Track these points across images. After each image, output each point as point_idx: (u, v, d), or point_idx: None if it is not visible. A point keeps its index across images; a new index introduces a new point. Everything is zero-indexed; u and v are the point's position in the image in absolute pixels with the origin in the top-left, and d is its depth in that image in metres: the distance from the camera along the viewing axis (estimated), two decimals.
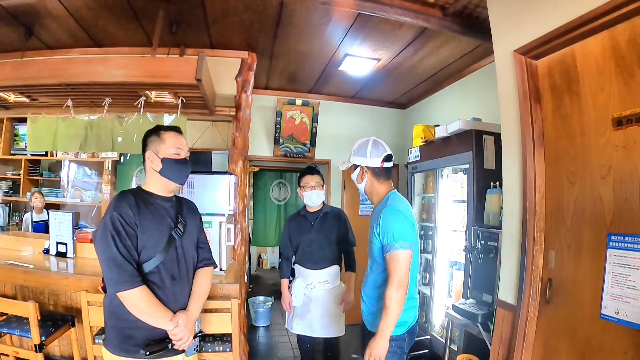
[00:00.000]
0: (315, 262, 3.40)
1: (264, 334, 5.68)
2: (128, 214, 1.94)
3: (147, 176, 2.16)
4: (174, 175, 2.13)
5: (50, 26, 3.77)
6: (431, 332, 4.25)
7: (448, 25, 3.44)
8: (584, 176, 2.32)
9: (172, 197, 2.21)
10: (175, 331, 1.99)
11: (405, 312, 2.24)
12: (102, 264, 1.92)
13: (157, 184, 2.13)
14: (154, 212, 2.07)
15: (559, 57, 2.48)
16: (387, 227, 2.17)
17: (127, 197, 2.00)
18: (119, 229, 1.90)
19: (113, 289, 1.90)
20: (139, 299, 1.91)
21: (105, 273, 1.92)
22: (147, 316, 1.95)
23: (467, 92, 4.75)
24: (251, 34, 4.02)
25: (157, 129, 2.16)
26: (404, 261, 2.14)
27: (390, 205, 2.26)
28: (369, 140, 2.42)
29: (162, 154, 2.09)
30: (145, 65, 3.37)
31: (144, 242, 1.98)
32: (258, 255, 10.43)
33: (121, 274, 1.86)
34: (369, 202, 6.06)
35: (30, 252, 4.07)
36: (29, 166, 6.64)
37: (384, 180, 2.40)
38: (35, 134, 4.15)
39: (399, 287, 2.10)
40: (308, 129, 5.78)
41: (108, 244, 1.88)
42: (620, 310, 2.06)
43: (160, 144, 2.10)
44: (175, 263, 2.09)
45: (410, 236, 2.19)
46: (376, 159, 2.36)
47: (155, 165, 2.09)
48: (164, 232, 2.07)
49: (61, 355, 3.74)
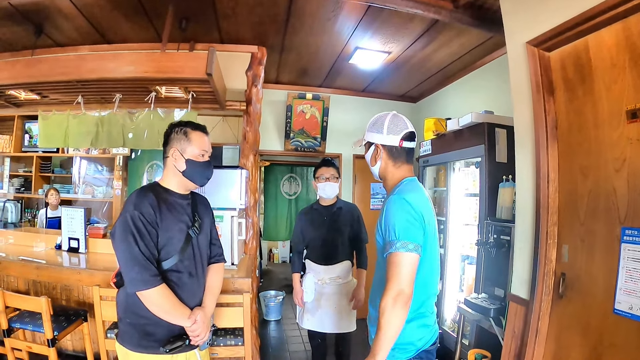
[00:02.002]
0: (326, 258, 3.40)
1: (275, 328, 5.70)
2: (149, 212, 1.92)
3: (166, 172, 2.12)
4: (197, 178, 2.11)
5: (61, 24, 3.80)
6: (442, 327, 4.23)
7: (459, 17, 3.40)
8: (597, 169, 2.29)
9: (189, 195, 2.20)
10: (193, 327, 2.00)
11: (414, 332, 1.84)
12: (121, 262, 1.90)
13: (176, 182, 2.11)
14: (173, 210, 2.04)
15: (572, 48, 2.45)
16: (389, 221, 1.76)
17: (147, 195, 1.97)
18: (140, 227, 1.87)
19: (133, 287, 1.88)
20: (159, 298, 1.91)
21: (125, 272, 1.90)
22: (166, 314, 1.95)
23: (478, 85, 4.70)
24: (261, 29, 4.01)
25: (184, 126, 2.11)
26: (406, 267, 1.68)
27: (398, 193, 1.84)
28: (387, 114, 1.98)
29: (187, 155, 2.07)
30: (156, 61, 3.39)
31: (163, 241, 1.97)
32: (269, 249, 10.47)
33: (142, 274, 1.85)
34: (380, 196, 6.19)
35: (43, 248, 4.13)
36: (40, 163, 6.73)
37: (402, 164, 1.96)
38: (46, 131, 4.18)
39: (396, 300, 1.64)
40: (319, 123, 5.76)
41: (128, 242, 1.85)
42: (634, 305, 2.03)
43: (187, 144, 2.07)
44: (192, 261, 2.10)
45: (416, 236, 1.73)
46: (394, 136, 1.92)
47: (179, 165, 2.06)
48: (182, 231, 2.06)
49: (74, 349, 3.79)
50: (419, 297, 1.82)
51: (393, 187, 1.95)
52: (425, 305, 1.88)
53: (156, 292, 1.88)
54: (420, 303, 1.85)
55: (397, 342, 1.72)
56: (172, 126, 2.13)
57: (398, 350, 1.80)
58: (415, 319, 1.83)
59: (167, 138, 2.11)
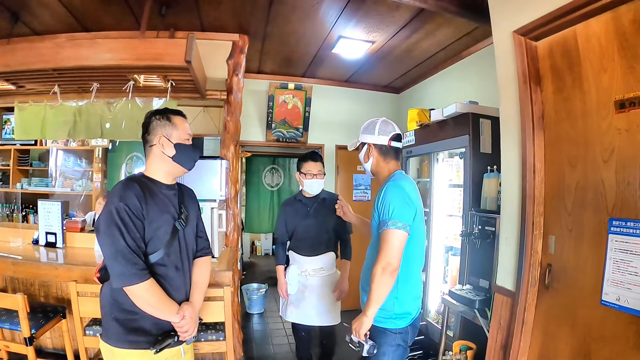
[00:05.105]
0: (310, 249, 3.35)
1: (258, 322, 5.65)
2: (135, 203, 1.84)
3: (150, 162, 2.05)
4: (186, 161, 2.07)
5: (38, 12, 3.68)
6: (427, 318, 4.22)
7: (445, 6, 3.35)
8: (585, 160, 2.28)
9: (175, 185, 2.14)
10: (182, 323, 1.97)
11: (409, 304, 2.21)
12: (106, 256, 1.83)
13: (163, 171, 2.05)
14: (159, 202, 1.98)
15: (560, 38, 2.42)
16: (386, 202, 2.11)
17: (132, 186, 1.89)
18: (126, 219, 1.80)
19: (120, 282, 1.81)
20: (147, 293, 1.85)
21: (110, 266, 1.83)
22: (154, 310, 1.90)
23: (463, 75, 4.68)
24: (243, 16, 3.92)
25: (165, 112, 2.06)
26: (395, 242, 2.04)
27: (395, 181, 2.20)
28: (378, 119, 2.37)
29: (175, 139, 2.02)
30: (134, 48, 3.28)
31: (150, 233, 1.91)
32: (252, 242, 10.38)
33: (129, 268, 1.78)
34: (363, 187, 6.17)
35: (20, 243, 4.03)
36: (18, 156, 6.57)
37: (391, 160, 2.34)
38: (23, 123, 4.07)
39: (385, 269, 2.02)
40: (301, 113, 5.69)
41: (114, 235, 1.78)
42: (621, 296, 2.03)
43: (172, 128, 2.02)
44: (178, 254, 2.04)
45: (407, 217, 2.09)
46: (384, 137, 2.31)
47: (168, 151, 2.00)
48: (169, 223, 2.00)
49: (54, 347, 3.68)
50: (413, 273, 2.24)
51: (385, 179, 2.29)
52: (417, 279, 2.27)
53: (144, 287, 1.82)
54: (415, 278, 2.26)
55: (398, 312, 2.16)
56: (152, 114, 2.07)
57: (398, 319, 2.17)
58: (411, 292, 2.22)
59: (148, 127, 2.04)
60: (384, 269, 2.01)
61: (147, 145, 2.04)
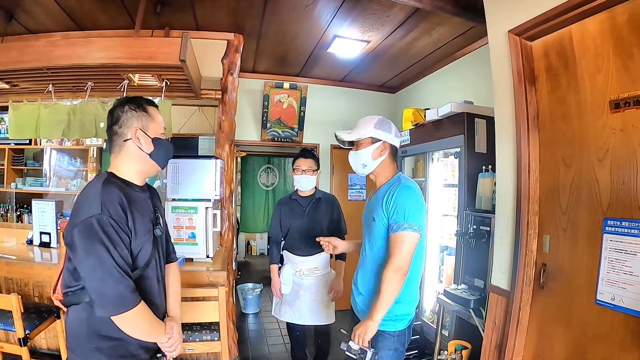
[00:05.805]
0: (305, 249, 3.34)
1: (253, 321, 5.64)
2: (119, 214, 1.56)
3: (120, 159, 1.74)
4: (164, 159, 1.82)
5: (32, 10, 3.66)
6: (422, 318, 4.23)
7: (441, 5, 3.34)
8: (580, 159, 2.28)
9: (146, 187, 1.87)
10: (171, 342, 1.79)
11: (408, 305, 2.19)
12: (90, 279, 1.52)
13: (136, 169, 1.76)
14: (140, 209, 1.71)
15: (556, 38, 2.42)
16: (400, 204, 2.04)
17: (113, 192, 1.59)
18: (111, 234, 1.51)
19: (110, 310, 1.53)
20: (137, 318, 1.60)
21: (95, 290, 1.52)
22: (144, 334, 1.68)
23: (458, 75, 4.68)
24: (238, 15, 3.90)
25: (139, 101, 1.77)
26: (410, 245, 2.01)
27: (406, 183, 2.15)
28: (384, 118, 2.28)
29: (152, 133, 1.75)
30: (129, 47, 3.25)
31: (137, 247, 1.65)
32: (247, 241, 10.37)
33: (120, 290, 1.51)
34: (358, 187, 6.15)
35: (14, 243, 4.01)
36: (12, 156, 6.54)
37: (394, 162, 2.31)
38: (16, 122, 4.03)
39: (397, 271, 1.98)
40: (296, 112, 5.68)
41: (98, 254, 1.48)
42: (616, 296, 2.03)
43: (149, 121, 1.75)
44: (158, 264, 1.82)
45: (421, 221, 2.07)
46: (397, 139, 2.27)
47: (146, 147, 1.73)
48: (150, 231, 1.75)
49: (48, 348, 3.68)
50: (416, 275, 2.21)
51: (388, 181, 2.24)
52: (415, 283, 2.21)
53: (135, 313, 1.56)
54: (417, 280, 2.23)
55: (398, 314, 2.13)
56: (123, 102, 1.75)
57: (399, 321, 2.15)
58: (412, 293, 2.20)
59: (119, 117, 1.72)
60: (396, 272, 1.98)
61: (119, 140, 1.73)
